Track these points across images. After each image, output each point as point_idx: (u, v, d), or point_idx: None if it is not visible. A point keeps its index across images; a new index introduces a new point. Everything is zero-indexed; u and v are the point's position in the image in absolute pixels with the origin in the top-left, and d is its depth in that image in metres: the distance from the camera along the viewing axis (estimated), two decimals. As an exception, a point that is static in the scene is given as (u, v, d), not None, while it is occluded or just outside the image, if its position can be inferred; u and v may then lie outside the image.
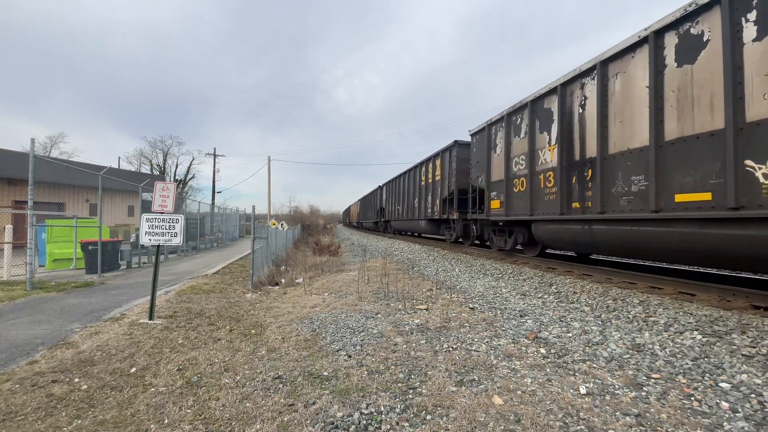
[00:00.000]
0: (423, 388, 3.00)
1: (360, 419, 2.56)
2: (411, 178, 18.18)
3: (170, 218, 5.10)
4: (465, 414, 2.58)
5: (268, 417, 2.61)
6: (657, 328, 4.08)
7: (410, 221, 18.37)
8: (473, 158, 11.11)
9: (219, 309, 5.81)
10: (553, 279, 6.79)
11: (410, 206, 18.14)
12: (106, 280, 8.54)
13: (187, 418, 2.62)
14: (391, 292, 6.66)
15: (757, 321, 3.89)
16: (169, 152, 44.48)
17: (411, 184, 18.10)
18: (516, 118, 8.83)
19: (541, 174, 7.78)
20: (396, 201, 21.25)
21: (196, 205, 19.67)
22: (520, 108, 8.58)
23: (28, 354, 3.74)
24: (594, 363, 3.43)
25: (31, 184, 6.93)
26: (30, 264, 7.11)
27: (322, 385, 3.09)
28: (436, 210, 14.29)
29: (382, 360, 3.61)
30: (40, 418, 2.58)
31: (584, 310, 5.01)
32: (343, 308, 5.71)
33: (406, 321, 4.92)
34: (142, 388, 3.06)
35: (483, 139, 10.36)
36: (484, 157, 10.23)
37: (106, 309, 5.63)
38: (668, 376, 3.09)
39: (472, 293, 6.55)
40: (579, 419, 2.50)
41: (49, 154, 33.33)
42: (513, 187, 8.76)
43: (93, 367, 3.43)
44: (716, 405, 2.61)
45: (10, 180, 16.52)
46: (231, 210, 28.67)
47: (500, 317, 5.03)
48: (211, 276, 9.07)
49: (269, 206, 38.08)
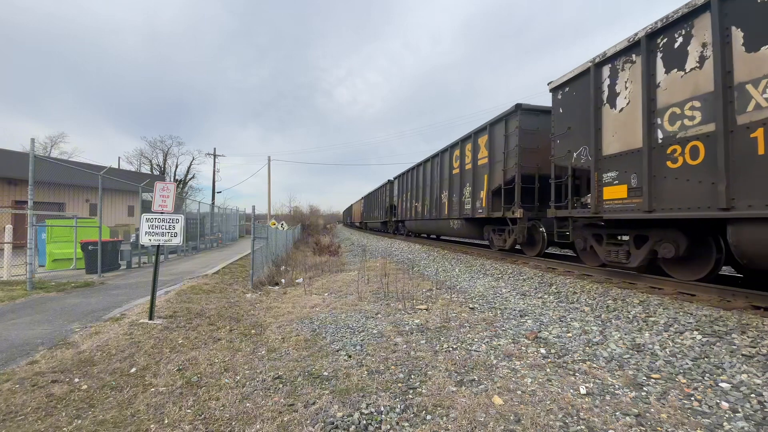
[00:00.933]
0: (423, 388, 3.00)
1: (360, 419, 2.56)
2: (436, 167, 14.27)
3: (170, 218, 5.10)
4: (465, 414, 2.58)
5: (268, 417, 2.61)
6: (657, 328, 4.08)
7: (436, 221, 14.37)
8: (559, 123, 7.22)
9: (219, 309, 5.80)
10: (553, 279, 6.79)
11: (435, 202, 14.11)
12: (106, 280, 8.54)
13: (187, 418, 2.62)
14: (391, 292, 6.66)
15: (757, 321, 3.89)
16: (169, 152, 44.48)
17: (436, 174, 14.25)
18: (672, 38, 5.10)
19: (761, 127, 4.03)
20: (413, 197, 17.33)
21: (196, 205, 19.68)
22: (685, 18, 4.91)
23: (28, 354, 3.74)
24: (594, 363, 3.43)
25: (31, 184, 6.93)
26: (30, 264, 7.11)
27: (322, 385, 3.09)
28: (479, 206, 10.37)
29: (382, 360, 3.61)
30: (40, 418, 2.58)
31: (584, 310, 5.00)
32: (343, 308, 5.71)
33: (406, 321, 4.92)
34: (142, 388, 3.06)
35: (582, 91, 6.67)
36: (585, 118, 6.52)
37: (106, 309, 5.63)
38: (668, 376, 3.09)
39: (472, 293, 6.55)
40: (579, 419, 2.50)
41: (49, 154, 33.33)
42: (665, 160, 5.10)
43: (93, 367, 3.43)
44: (716, 405, 2.61)
45: (10, 180, 16.52)
46: (231, 210, 28.67)
47: (500, 317, 5.03)
48: (211, 276, 9.07)
49: (269, 206, 38.11)
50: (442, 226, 14.06)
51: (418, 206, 16.42)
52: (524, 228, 8.81)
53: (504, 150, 9.20)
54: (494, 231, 10.52)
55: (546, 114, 8.36)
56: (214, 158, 38.91)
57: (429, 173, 15.11)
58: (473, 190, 10.84)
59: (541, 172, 8.56)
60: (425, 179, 15.57)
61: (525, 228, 8.82)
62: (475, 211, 10.71)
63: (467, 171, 11.34)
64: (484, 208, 10.06)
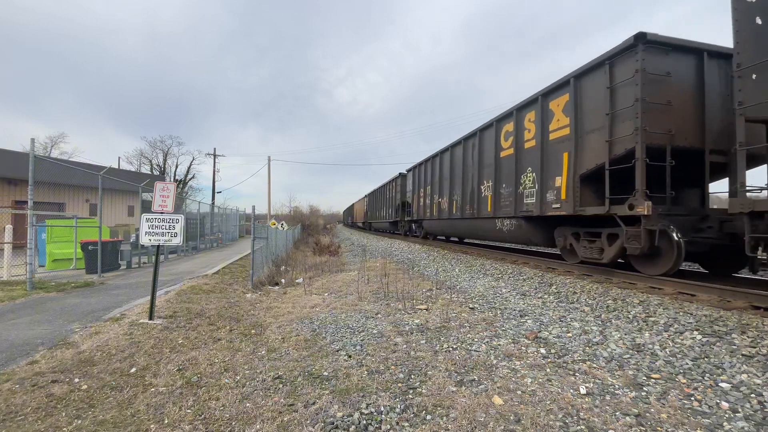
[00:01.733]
0: (423, 388, 3.00)
1: (360, 419, 2.56)
2: (471, 151, 10.99)
3: (170, 218, 5.10)
4: (465, 414, 2.58)
5: (268, 417, 2.61)
6: (657, 328, 4.08)
7: (470, 221, 11.13)
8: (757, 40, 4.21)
9: (219, 309, 5.80)
10: (553, 279, 6.79)
11: (471, 197, 10.79)
12: (106, 280, 8.54)
13: (187, 418, 2.62)
14: (391, 292, 6.66)
15: (757, 321, 3.89)
16: (169, 152, 44.47)
17: (471, 160, 10.92)
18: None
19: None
20: (434, 191, 14.14)
21: (196, 205, 19.68)
22: None
23: (28, 354, 3.74)
24: (594, 363, 3.43)
25: (31, 184, 6.93)
26: (30, 264, 7.11)
27: (322, 385, 3.09)
28: (553, 198, 7.23)
29: (382, 360, 3.61)
30: (40, 418, 2.58)
31: (584, 310, 5.01)
32: (343, 308, 5.71)
33: (406, 321, 4.92)
34: (142, 388, 3.06)
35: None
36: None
37: (106, 309, 5.63)
38: (668, 376, 3.09)
39: (472, 293, 6.55)
40: (579, 419, 2.50)
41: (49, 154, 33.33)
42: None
43: (93, 367, 3.43)
44: (716, 405, 2.61)
45: (10, 180, 16.52)
46: (231, 210, 28.67)
47: (500, 317, 5.03)
48: (211, 276, 9.07)
49: (269, 206, 38.13)
50: (481, 228, 10.65)
51: (443, 202, 13.04)
52: (653, 232, 5.43)
53: (609, 110, 5.94)
54: (577, 236, 7.09)
55: (681, 52, 5.74)
56: (214, 158, 38.93)
57: (459, 161, 11.76)
58: (541, 176, 7.56)
59: (675, 143, 5.60)
60: (453, 169, 12.24)
61: (654, 232, 5.42)
62: (545, 207, 7.41)
63: (529, 150, 8.06)
64: (565, 202, 6.84)
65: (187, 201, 23.52)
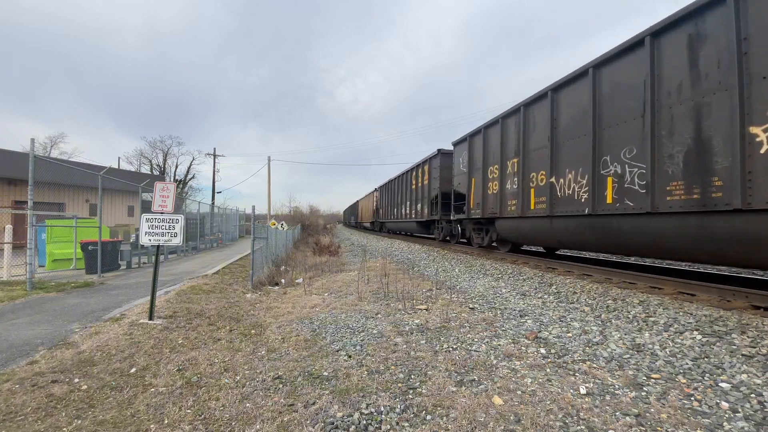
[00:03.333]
0: (423, 388, 3.00)
1: (360, 419, 2.56)
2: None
3: (170, 218, 5.10)
4: (465, 414, 2.58)
5: (268, 417, 2.61)
6: (657, 328, 4.08)
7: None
8: None
9: (219, 309, 5.80)
10: (553, 279, 6.79)
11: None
12: (106, 280, 8.54)
13: (187, 418, 2.62)
14: (391, 292, 6.65)
15: (757, 321, 3.89)
16: (168, 152, 44.50)
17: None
18: None
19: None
20: (525, 170, 8.19)
21: (196, 205, 19.67)
22: None
23: (28, 354, 3.74)
24: (594, 363, 3.43)
25: (31, 184, 6.93)
26: (30, 264, 7.11)
27: (322, 386, 3.09)
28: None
29: (382, 360, 3.61)
30: (40, 418, 2.58)
31: (584, 310, 5.00)
32: (343, 308, 5.71)
33: (406, 321, 4.92)
34: (142, 389, 3.06)
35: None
36: None
37: (106, 309, 5.63)
38: (668, 376, 3.09)
39: (472, 293, 6.55)
40: (579, 419, 2.50)
41: (49, 154, 33.34)
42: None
43: (93, 367, 3.43)
44: (716, 405, 2.61)
45: (10, 180, 16.52)
46: (231, 210, 28.67)
47: (500, 317, 5.03)
48: (211, 276, 9.07)
49: (269, 206, 38.12)
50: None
51: (562, 184, 7.03)
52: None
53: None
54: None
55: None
56: (214, 158, 38.93)
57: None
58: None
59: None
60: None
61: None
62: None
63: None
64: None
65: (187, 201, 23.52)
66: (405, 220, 19.14)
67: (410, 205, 18.01)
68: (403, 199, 19.45)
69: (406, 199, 18.84)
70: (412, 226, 18.25)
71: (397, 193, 21.00)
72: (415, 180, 17.18)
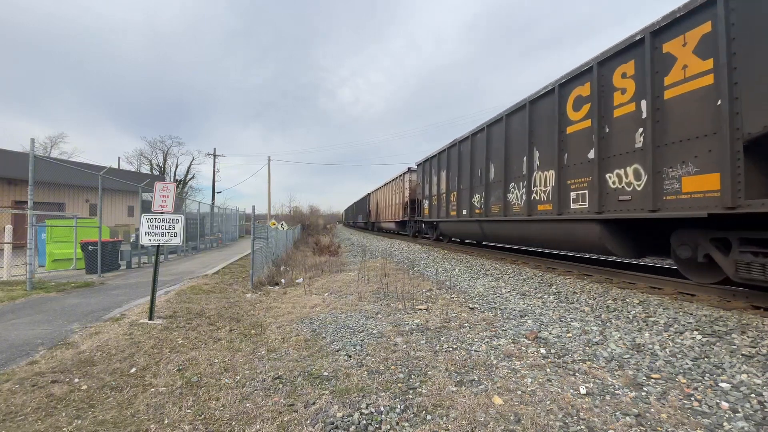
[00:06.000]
0: (423, 388, 3.00)
1: (360, 419, 2.56)
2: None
3: (170, 218, 5.10)
4: (465, 414, 2.58)
5: (268, 417, 2.61)
6: (657, 328, 4.08)
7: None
8: None
9: (219, 309, 5.80)
10: (553, 279, 6.79)
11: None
12: (106, 280, 8.54)
13: (187, 418, 2.62)
14: (391, 292, 6.65)
15: (757, 321, 3.89)
16: (169, 152, 44.49)
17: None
18: None
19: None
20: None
21: (196, 205, 19.67)
22: None
23: (28, 354, 3.74)
24: (594, 363, 3.43)
25: (31, 184, 6.93)
26: (30, 264, 7.11)
27: (322, 386, 3.09)
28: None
29: (382, 360, 3.61)
30: (40, 418, 2.58)
31: (584, 310, 5.01)
32: (343, 308, 5.71)
33: (406, 321, 4.91)
34: (142, 389, 3.06)
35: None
36: None
37: (106, 309, 5.63)
38: (668, 376, 3.09)
39: (472, 293, 6.55)
40: (579, 419, 2.50)
41: (49, 154, 33.33)
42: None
43: (93, 367, 3.43)
44: (716, 405, 2.61)
45: (10, 180, 16.51)
46: (231, 210, 28.66)
47: (500, 317, 5.03)
48: (211, 276, 9.07)
49: (269, 206, 38.11)
50: None
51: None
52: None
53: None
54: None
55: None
56: (214, 158, 38.92)
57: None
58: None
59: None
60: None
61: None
62: None
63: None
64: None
65: (187, 201, 23.52)
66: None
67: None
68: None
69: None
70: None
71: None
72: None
